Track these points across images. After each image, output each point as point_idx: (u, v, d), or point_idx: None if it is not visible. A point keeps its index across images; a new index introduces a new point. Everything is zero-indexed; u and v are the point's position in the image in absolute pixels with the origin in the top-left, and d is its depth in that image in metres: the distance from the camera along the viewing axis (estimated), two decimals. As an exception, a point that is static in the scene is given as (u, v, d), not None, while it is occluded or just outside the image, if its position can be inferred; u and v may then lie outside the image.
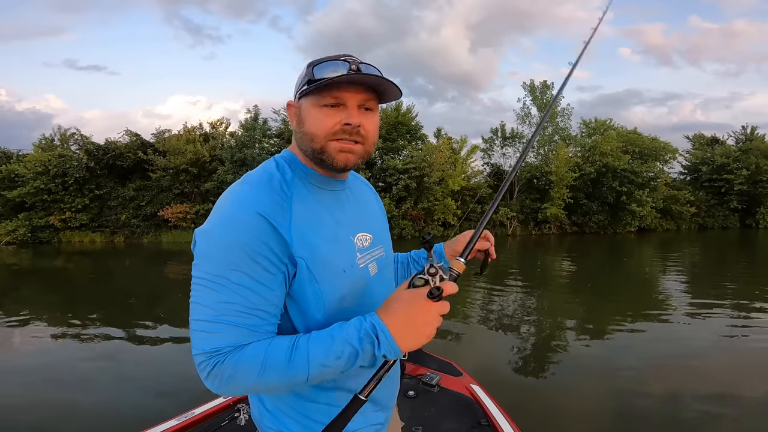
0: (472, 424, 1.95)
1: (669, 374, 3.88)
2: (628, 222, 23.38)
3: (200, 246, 0.71)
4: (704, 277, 9.98)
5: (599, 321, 5.83)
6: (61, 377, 3.99)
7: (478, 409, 2.08)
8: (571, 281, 9.57)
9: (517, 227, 23.09)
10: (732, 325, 5.56)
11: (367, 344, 0.67)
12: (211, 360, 0.67)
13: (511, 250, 16.58)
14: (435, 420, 1.99)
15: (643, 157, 24.30)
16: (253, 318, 0.69)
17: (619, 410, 3.17)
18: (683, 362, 4.19)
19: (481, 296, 7.64)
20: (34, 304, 7.44)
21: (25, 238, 19.57)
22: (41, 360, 4.49)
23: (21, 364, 4.46)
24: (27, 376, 4.00)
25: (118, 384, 3.73)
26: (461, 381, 2.37)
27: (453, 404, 2.14)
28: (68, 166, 19.73)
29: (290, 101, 0.84)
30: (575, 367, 4.09)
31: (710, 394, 3.42)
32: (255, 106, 22.40)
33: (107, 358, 4.45)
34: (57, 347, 4.90)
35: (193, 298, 0.70)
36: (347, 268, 0.79)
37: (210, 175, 20.61)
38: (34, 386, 3.74)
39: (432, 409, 2.08)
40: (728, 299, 7.03)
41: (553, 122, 24.22)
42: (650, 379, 3.74)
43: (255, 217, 0.69)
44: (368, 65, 0.77)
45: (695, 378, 3.79)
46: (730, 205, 26.88)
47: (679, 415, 3.07)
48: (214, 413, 1.95)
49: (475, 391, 2.21)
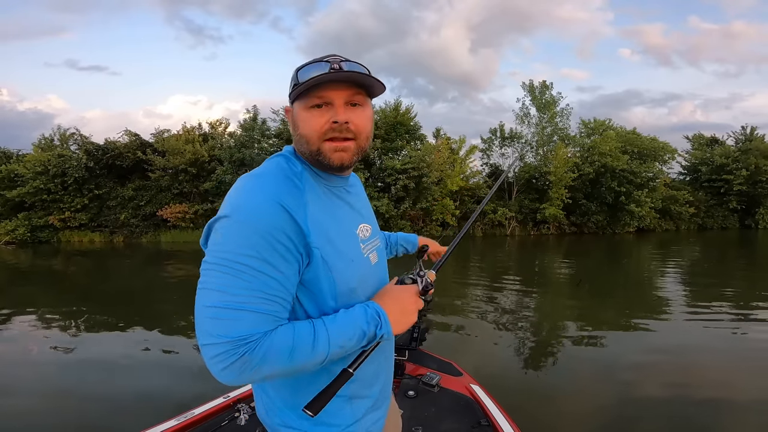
0: (472, 424, 1.94)
1: (668, 375, 3.87)
2: (627, 222, 23.39)
3: (220, 232, 0.70)
4: (703, 277, 9.95)
5: (598, 321, 5.82)
6: (60, 375, 3.99)
7: (478, 409, 2.07)
8: (570, 281, 9.49)
9: (515, 227, 23.09)
10: (732, 326, 5.53)
11: (372, 327, 0.76)
12: (238, 348, 0.65)
13: (510, 251, 16.58)
14: (435, 420, 1.98)
15: (642, 158, 24.30)
16: (275, 305, 0.70)
17: (618, 410, 3.17)
18: (682, 363, 4.18)
19: (480, 296, 7.61)
20: (33, 303, 7.38)
21: (25, 237, 19.58)
22: (41, 358, 4.49)
23: (21, 361, 4.46)
24: (28, 374, 4.00)
25: (119, 382, 3.72)
26: (461, 381, 2.37)
27: (453, 404, 2.13)
28: (67, 166, 19.73)
29: (287, 107, 0.86)
30: (575, 367, 4.08)
31: (709, 395, 3.41)
32: (254, 106, 22.40)
33: (107, 358, 4.43)
34: (55, 346, 4.90)
35: (208, 285, 0.69)
36: (355, 258, 0.82)
37: (209, 175, 20.63)
38: (34, 384, 3.72)
39: (432, 409, 2.07)
40: (728, 300, 7.00)
41: (552, 122, 24.21)
42: (649, 379, 3.73)
43: (275, 206, 0.70)
44: (352, 62, 0.78)
45: (694, 378, 3.78)
46: (730, 206, 26.92)
47: (678, 415, 3.07)
48: (214, 413, 1.93)
49: (475, 391, 2.21)
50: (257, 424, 1.21)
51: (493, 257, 14.51)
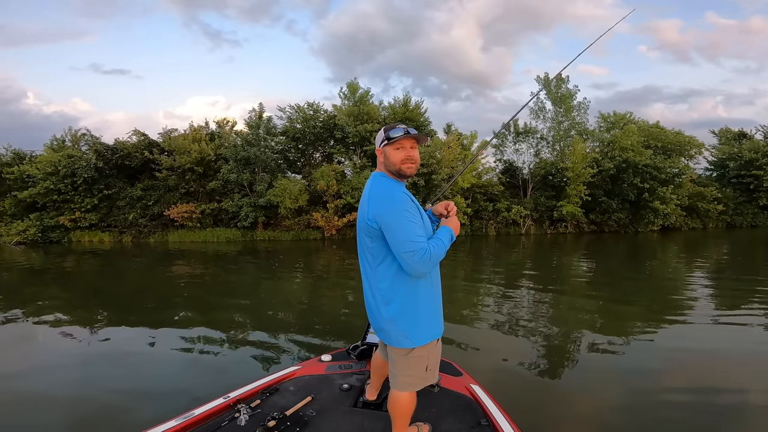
0: (472, 424, 1.96)
1: (679, 378, 3.66)
2: (650, 220, 22.21)
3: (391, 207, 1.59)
4: (732, 278, 9.24)
5: (604, 321, 5.57)
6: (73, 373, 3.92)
7: (478, 409, 2.10)
8: (586, 282, 9.02)
9: (531, 226, 22.20)
10: (763, 330, 5.02)
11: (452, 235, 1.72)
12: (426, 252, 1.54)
13: (524, 249, 15.88)
14: (435, 420, 2.01)
15: (666, 153, 23.08)
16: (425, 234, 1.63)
17: (619, 411, 3.07)
18: (698, 365, 3.96)
19: (487, 295, 7.42)
20: (45, 301, 7.47)
21: (35, 237, 19.73)
22: (53, 358, 4.45)
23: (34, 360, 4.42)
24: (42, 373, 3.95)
25: (131, 380, 3.69)
26: (461, 381, 2.40)
27: (453, 404, 2.16)
28: (77, 167, 19.79)
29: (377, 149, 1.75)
30: (577, 367, 4.00)
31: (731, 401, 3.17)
32: (260, 104, 22.15)
33: (118, 355, 4.40)
34: (67, 343, 4.89)
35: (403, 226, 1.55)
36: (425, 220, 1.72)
37: (215, 174, 20.44)
38: (48, 383, 3.68)
39: (432, 409, 2.09)
40: (758, 302, 6.52)
41: (569, 116, 23.20)
42: (657, 383, 3.54)
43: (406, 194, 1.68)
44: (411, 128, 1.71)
45: (710, 384, 3.51)
46: (760, 203, 25.38)
47: (689, 421, 2.90)
48: (214, 413, 1.98)
49: (475, 391, 2.24)
50: (257, 424, 1.66)
51: (507, 257, 13.86)
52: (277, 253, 15.38)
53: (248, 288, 8.81)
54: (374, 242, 1.63)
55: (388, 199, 1.60)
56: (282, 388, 2.32)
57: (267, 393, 2.24)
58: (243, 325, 5.63)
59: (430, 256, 1.53)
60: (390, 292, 1.64)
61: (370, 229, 1.61)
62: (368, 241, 1.65)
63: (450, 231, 1.71)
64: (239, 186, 20.26)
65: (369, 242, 1.65)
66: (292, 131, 21.92)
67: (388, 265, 1.62)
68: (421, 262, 1.52)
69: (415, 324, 1.66)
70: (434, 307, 1.73)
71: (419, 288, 1.66)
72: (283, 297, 7.72)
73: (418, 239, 1.53)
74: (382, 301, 1.66)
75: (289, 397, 2.21)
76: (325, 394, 2.26)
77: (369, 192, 1.67)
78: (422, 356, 1.70)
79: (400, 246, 1.53)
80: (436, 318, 1.75)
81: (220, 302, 7.17)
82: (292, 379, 2.46)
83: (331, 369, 2.58)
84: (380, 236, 1.60)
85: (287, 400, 2.18)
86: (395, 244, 1.55)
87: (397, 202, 1.58)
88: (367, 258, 1.69)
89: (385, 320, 1.67)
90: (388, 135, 1.65)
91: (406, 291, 1.63)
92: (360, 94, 22.20)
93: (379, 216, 1.57)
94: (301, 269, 11.53)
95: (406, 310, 1.64)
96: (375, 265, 1.66)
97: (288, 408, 2.06)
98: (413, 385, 1.74)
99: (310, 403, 2.16)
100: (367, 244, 1.66)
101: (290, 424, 1.94)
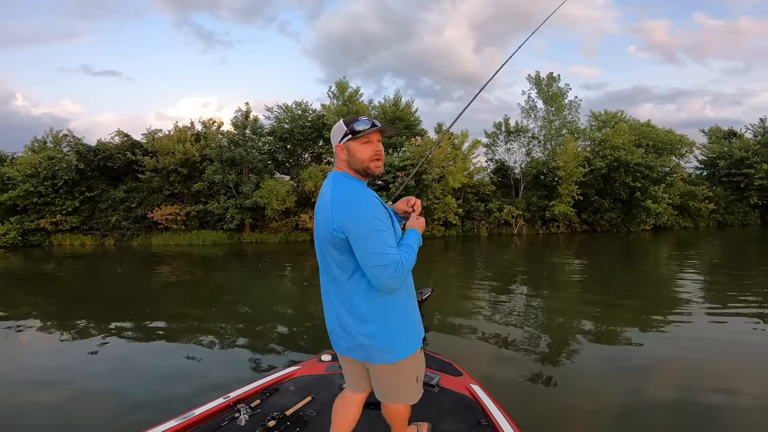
0: (472, 424, 1.96)
1: (677, 377, 3.69)
2: (642, 220, 22.09)
3: (358, 215, 1.37)
4: (724, 276, 9.16)
5: (603, 321, 5.50)
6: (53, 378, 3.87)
7: (478, 409, 2.10)
8: (579, 281, 8.86)
9: (522, 226, 21.98)
10: (753, 327, 5.02)
11: (420, 238, 1.55)
12: (398, 265, 1.34)
13: (517, 250, 15.65)
14: (435, 420, 2.01)
15: (657, 151, 23.00)
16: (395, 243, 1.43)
17: (620, 411, 3.05)
18: (693, 364, 3.97)
19: (482, 296, 7.38)
20: (25, 307, 7.34)
21: (15, 241, 19.15)
22: (32, 362, 4.42)
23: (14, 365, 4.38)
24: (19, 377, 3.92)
25: (112, 384, 3.65)
26: (461, 381, 2.40)
27: (453, 404, 2.16)
28: (57, 168, 19.22)
29: (337, 145, 1.51)
30: (577, 367, 3.97)
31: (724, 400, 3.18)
32: (246, 104, 21.71)
33: (101, 359, 4.37)
34: (47, 349, 4.85)
35: (372, 236, 1.34)
36: (396, 225, 1.52)
37: (200, 175, 19.96)
38: (23, 387, 3.66)
39: (432, 409, 2.10)
40: (749, 300, 6.51)
41: (560, 115, 23.04)
42: (655, 382, 3.58)
43: (375, 197, 1.46)
44: (378, 121, 1.52)
45: (705, 380, 3.57)
46: (750, 201, 25.43)
47: (686, 417, 2.93)
48: (214, 413, 1.99)
49: (475, 391, 2.24)
50: (257, 424, 1.81)
51: (499, 257, 13.62)
52: (265, 255, 15.05)
53: (236, 290, 8.63)
54: (342, 254, 1.43)
55: (354, 204, 1.39)
56: (282, 388, 2.34)
57: (267, 393, 2.27)
58: (230, 329, 5.47)
59: (402, 269, 1.35)
60: (364, 306, 1.45)
61: (336, 239, 1.40)
62: (335, 254, 1.44)
63: (418, 235, 1.54)
64: (225, 187, 19.80)
65: (336, 254, 1.44)
66: (279, 131, 21.52)
67: (360, 277, 1.43)
68: (393, 277, 1.33)
69: (396, 336, 1.51)
70: (413, 314, 1.60)
71: (396, 297, 1.49)
72: (273, 299, 7.60)
73: (390, 251, 1.35)
74: (357, 318, 1.48)
75: (289, 397, 2.23)
76: (325, 394, 2.26)
77: (332, 196, 1.44)
78: (409, 368, 1.57)
79: (369, 259, 1.34)
80: (416, 325, 1.61)
81: (205, 306, 7.02)
82: (292, 379, 2.47)
83: (331, 369, 2.57)
84: (348, 247, 1.40)
85: (287, 400, 2.19)
86: (364, 256, 1.35)
87: (365, 208, 1.38)
88: (332, 271, 1.48)
89: (363, 337, 1.48)
90: (352, 128, 1.45)
91: (382, 303, 1.46)
92: (349, 93, 21.86)
93: (344, 224, 1.37)
94: (290, 271, 11.32)
95: (386, 324, 1.48)
96: (345, 279, 1.46)
97: (288, 408, 2.08)
98: (408, 399, 1.64)
99: (310, 403, 2.17)
100: (334, 257, 1.45)
101: (290, 424, 1.95)
